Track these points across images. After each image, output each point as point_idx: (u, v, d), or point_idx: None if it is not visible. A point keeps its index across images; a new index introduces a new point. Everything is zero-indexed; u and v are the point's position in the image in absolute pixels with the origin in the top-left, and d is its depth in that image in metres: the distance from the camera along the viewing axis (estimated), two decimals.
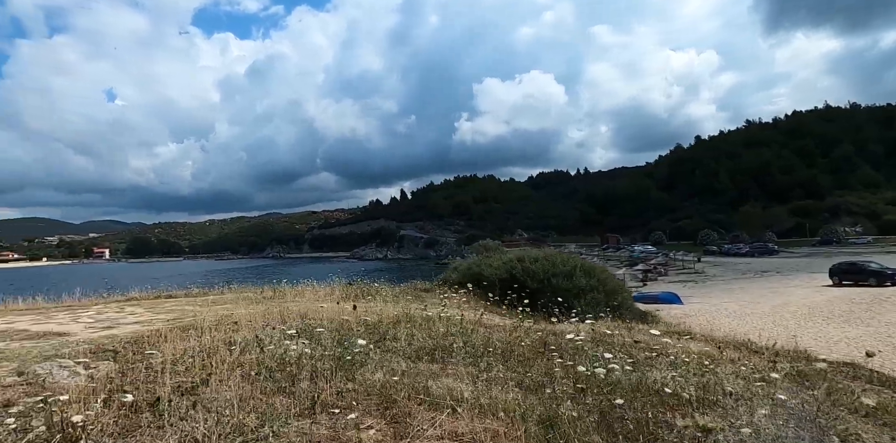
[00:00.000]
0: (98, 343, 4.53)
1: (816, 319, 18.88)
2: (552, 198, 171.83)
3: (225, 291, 14.54)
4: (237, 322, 5.60)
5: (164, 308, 8.50)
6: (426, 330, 5.75)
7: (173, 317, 6.83)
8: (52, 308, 9.34)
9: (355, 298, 11.36)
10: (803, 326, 17.83)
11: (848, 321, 17.98)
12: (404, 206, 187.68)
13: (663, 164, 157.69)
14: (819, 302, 22.73)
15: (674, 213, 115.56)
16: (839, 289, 26.54)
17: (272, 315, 6.28)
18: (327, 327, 5.27)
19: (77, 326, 5.93)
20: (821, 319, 18.62)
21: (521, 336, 5.82)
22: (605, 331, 6.99)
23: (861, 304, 21.26)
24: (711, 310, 22.45)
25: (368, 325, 5.79)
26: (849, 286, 27.04)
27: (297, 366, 3.66)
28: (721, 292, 29.99)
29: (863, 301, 21.85)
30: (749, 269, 43.35)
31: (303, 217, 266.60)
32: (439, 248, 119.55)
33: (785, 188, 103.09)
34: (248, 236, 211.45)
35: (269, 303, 9.46)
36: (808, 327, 17.40)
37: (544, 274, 14.84)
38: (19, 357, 3.92)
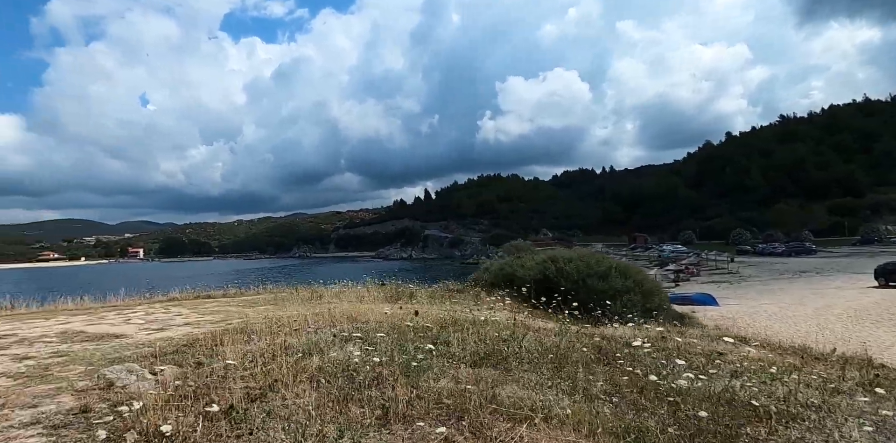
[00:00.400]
0: (156, 346, 4.56)
1: (864, 322, 18.08)
2: (577, 197, 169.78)
3: (260, 292, 14.75)
4: (287, 325, 5.60)
5: (208, 309, 8.60)
6: (476, 334, 5.64)
7: (220, 319, 6.89)
8: (99, 308, 9.57)
9: (393, 300, 11.36)
10: (850, 329, 17.09)
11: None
12: (428, 205, 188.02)
13: (692, 161, 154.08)
14: (865, 304, 21.80)
15: (703, 211, 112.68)
16: (886, 290, 25.40)
17: (319, 317, 6.26)
18: (378, 330, 5.21)
19: (130, 328, 6.02)
20: (869, 323, 17.83)
21: (574, 341, 5.66)
22: (653, 334, 6.77)
23: None
24: (750, 312, 21.74)
25: (417, 328, 5.71)
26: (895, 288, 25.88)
27: (359, 372, 3.59)
28: (758, 294, 29.05)
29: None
30: (786, 269, 41.92)
31: (328, 217, 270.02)
32: (464, 247, 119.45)
33: (821, 185, 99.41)
34: (274, 236, 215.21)
35: (310, 304, 9.50)
36: (856, 331, 16.65)
37: (579, 275, 14.57)
38: (85, 360, 3.97)
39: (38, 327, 6.29)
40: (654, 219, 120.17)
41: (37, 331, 5.88)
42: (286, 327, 5.44)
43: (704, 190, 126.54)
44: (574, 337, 5.95)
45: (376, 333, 4.96)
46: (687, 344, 6.32)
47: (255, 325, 5.81)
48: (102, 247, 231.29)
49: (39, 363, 3.82)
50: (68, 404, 2.81)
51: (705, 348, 6.12)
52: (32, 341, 5.02)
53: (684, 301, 24.66)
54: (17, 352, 4.39)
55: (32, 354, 4.26)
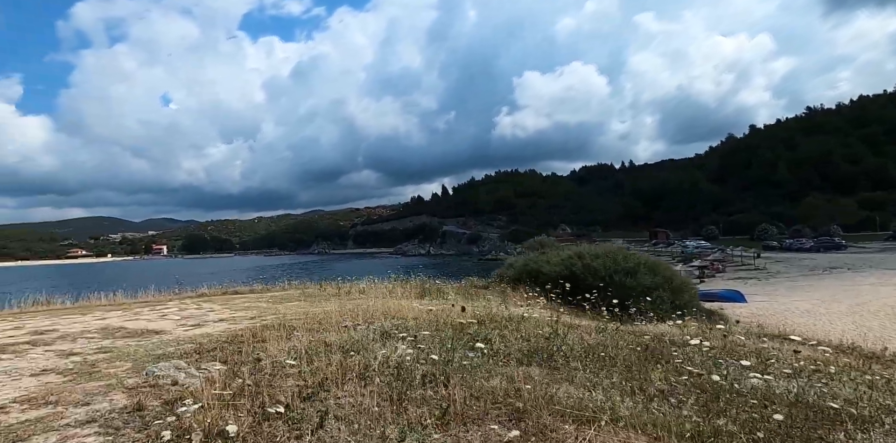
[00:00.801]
0: (197, 342, 4.53)
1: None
2: (596, 192, 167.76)
3: (286, 287, 14.83)
4: (324, 321, 5.54)
5: (239, 305, 8.62)
6: (516, 331, 5.50)
7: (253, 315, 6.87)
8: (132, 304, 9.68)
9: (421, 296, 11.29)
10: (889, 327, 16.51)
11: None
12: (446, 202, 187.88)
13: (714, 155, 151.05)
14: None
15: (726, 206, 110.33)
16: None
17: (353, 314, 6.19)
18: (419, 328, 5.11)
19: (168, 324, 6.03)
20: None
21: (616, 339, 5.48)
22: (693, 331, 6.54)
23: None
24: (781, 309, 21.16)
25: (455, 325, 5.59)
26: None
27: (409, 370, 3.49)
28: (787, 290, 28.29)
29: None
30: (816, 265, 40.78)
31: (346, 214, 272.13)
32: (482, 243, 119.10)
33: (850, 178, 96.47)
34: (294, 233, 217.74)
35: (340, 300, 9.47)
36: (890, 330, 16.08)
37: (606, 271, 14.28)
38: (129, 356, 3.94)
39: (76, 323, 6.35)
40: (676, 214, 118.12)
41: (76, 326, 5.93)
42: (323, 324, 5.37)
43: (728, 184, 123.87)
44: (615, 334, 5.77)
45: (419, 330, 4.86)
46: (732, 342, 6.10)
47: (292, 321, 5.77)
48: (128, 244, 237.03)
49: (86, 360, 3.80)
50: (121, 401, 2.76)
51: (753, 347, 5.89)
52: (75, 336, 5.04)
53: (711, 298, 24.10)
54: (62, 348, 4.39)
55: (77, 350, 4.26)
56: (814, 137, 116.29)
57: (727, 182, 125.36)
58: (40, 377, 3.31)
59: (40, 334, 5.18)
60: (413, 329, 5.04)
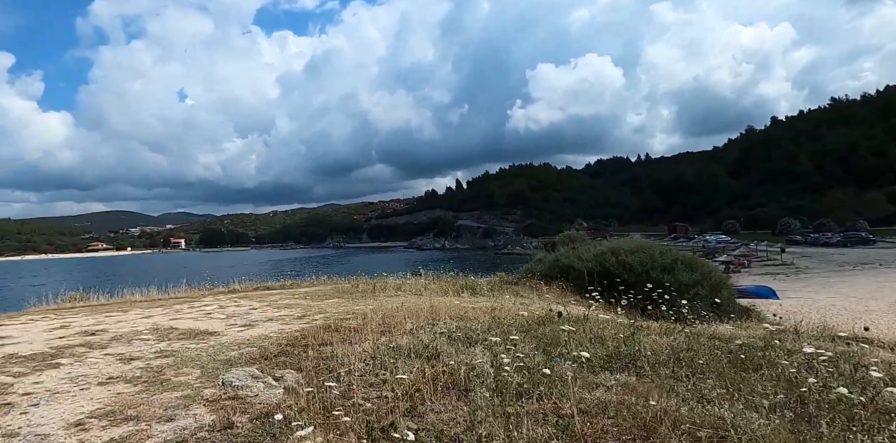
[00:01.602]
0: (257, 345, 4.31)
1: None
2: (611, 186, 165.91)
3: (315, 282, 14.68)
4: (380, 321, 5.28)
5: (278, 303, 8.43)
6: (583, 332, 5.19)
7: (299, 314, 6.65)
8: (168, 300, 9.58)
9: (457, 292, 11.03)
10: None
11: None
12: (460, 195, 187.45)
13: (733, 148, 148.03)
14: None
15: (747, 200, 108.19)
16: None
17: (408, 313, 5.92)
18: (482, 330, 4.82)
19: (216, 324, 5.84)
20: None
21: (691, 342, 5.14)
22: (761, 333, 6.16)
23: None
24: (817, 307, 20.51)
25: (519, 326, 5.30)
26: None
27: (501, 381, 3.20)
28: (820, 287, 27.51)
29: None
30: (845, 260, 39.70)
31: (360, 208, 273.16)
32: (497, 238, 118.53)
33: (876, 172, 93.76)
34: (309, 227, 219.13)
35: (377, 297, 9.24)
36: None
37: (642, 267, 13.83)
38: (194, 362, 3.72)
39: (122, 322, 6.19)
40: (694, 208, 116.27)
41: (124, 326, 5.77)
42: (382, 325, 5.12)
43: (748, 177, 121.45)
44: (689, 338, 5.43)
45: (486, 332, 4.58)
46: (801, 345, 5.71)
47: (344, 321, 5.53)
48: (146, 237, 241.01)
49: (150, 366, 3.59)
50: (205, 417, 2.52)
51: (837, 351, 5.50)
52: (128, 338, 4.85)
53: (742, 294, 23.43)
54: (120, 351, 4.20)
55: (136, 353, 4.05)
56: (838, 128, 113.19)
57: (748, 175, 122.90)
58: (109, 386, 3.10)
59: (91, 335, 5.01)
60: (480, 331, 4.76)
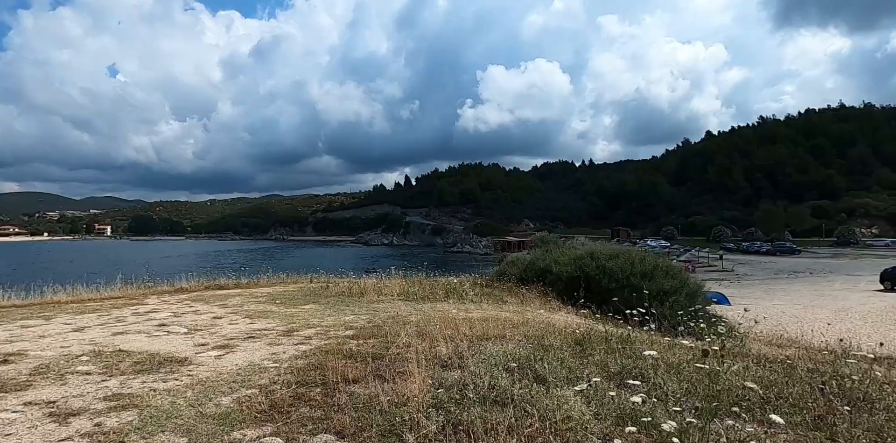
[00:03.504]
0: (257, 385, 3.09)
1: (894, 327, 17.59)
2: (557, 189, 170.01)
3: (275, 281, 13.23)
4: (405, 344, 4.16)
5: (244, 309, 7.06)
6: (622, 355, 4.32)
7: (282, 328, 5.38)
8: (103, 301, 7.92)
9: (444, 297, 10.00)
10: (886, 336, 16.50)
11: None
12: (409, 192, 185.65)
13: (672, 158, 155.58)
14: (881, 308, 21.48)
15: (684, 208, 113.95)
16: (894, 295, 25.26)
17: (420, 329, 4.83)
18: (529, 357, 3.83)
19: (181, 343, 4.48)
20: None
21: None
22: (796, 354, 5.58)
23: None
24: (769, 314, 21.03)
25: (557, 347, 4.35)
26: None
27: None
28: (763, 293, 28.68)
29: None
30: (779, 268, 42.05)
31: (305, 200, 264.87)
32: (447, 235, 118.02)
33: (801, 188, 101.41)
34: (250, 217, 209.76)
35: (362, 303, 8.05)
36: (891, 338, 16.05)
37: (623, 273, 13.35)
38: (174, 421, 2.47)
39: (46, 337, 4.69)
40: (636, 214, 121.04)
41: (49, 345, 4.30)
42: (403, 347, 4.01)
43: (686, 187, 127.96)
44: (726, 358, 4.69)
45: (535, 361, 3.58)
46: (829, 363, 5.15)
47: (354, 342, 4.37)
48: (67, 223, 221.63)
49: (101, 430, 2.30)
50: None
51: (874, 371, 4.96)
52: (58, 369, 3.45)
53: None
54: (45, 395, 2.83)
55: (75, 403, 2.70)
56: (766, 146, 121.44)
57: (685, 185, 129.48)
58: None
59: (3, 362, 3.57)
60: (533, 360, 3.77)
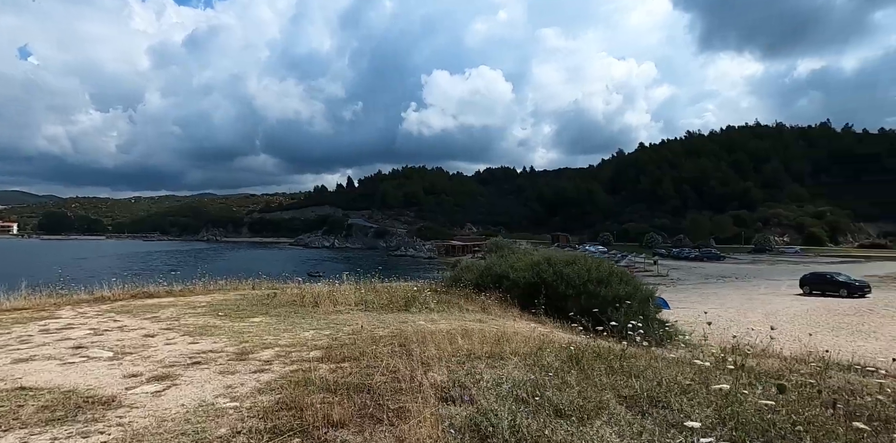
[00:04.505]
0: (216, 437, 2.35)
1: (821, 329, 18.80)
2: (499, 194, 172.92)
3: (211, 286, 12.03)
4: (386, 368, 3.51)
5: (181, 323, 6.09)
6: (624, 373, 3.93)
7: (233, 347, 4.56)
8: (6, 313, 6.62)
9: (401, 307, 9.34)
10: (811, 337, 17.51)
11: (853, 333, 17.94)
12: (351, 193, 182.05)
13: (607, 168, 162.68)
14: (805, 311, 22.99)
15: (619, 216, 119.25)
16: (814, 298, 27.20)
17: (394, 347, 4.20)
18: (536, 384, 3.31)
19: (104, 374, 3.58)
20: (826, 330, 18.52)
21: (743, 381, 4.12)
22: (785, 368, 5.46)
23: (849, 315, 21.64)
24: (708, 317, 21.95)
25: (549, 367, 3.88)
26: (818, 296, 27.82)
27: None
28: (698, 297, 30.04)
29: (847, 313, 22.29)
30: (708, 273, 44.53)
31: (240, 200, 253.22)
32: (390, 238, 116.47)
33: (723, 199, 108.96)
34: (179, 217, 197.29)
35: (317, 314, 7.25)
36: (820, 341, 17.07)
37: (580, 280, 13.30)
38: None
39: None
40: (574, 220, 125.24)
41: None
42: (389, 370, 3.36)
43: (620, 195, 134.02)
44: (742, 374, 4.43)
45: (545, 388, 3.08)
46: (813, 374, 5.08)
47: (325, 365, 3.66)
48: None
49: None
50: None
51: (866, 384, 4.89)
52: None
53: None
54: None
55: None
56: (693, 159, 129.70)
57: (620, 193, 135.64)
58: None
59: None
60: (534, 385, 3.25)
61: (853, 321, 20.26)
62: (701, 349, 8.41)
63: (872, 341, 16.71)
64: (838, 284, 27.70)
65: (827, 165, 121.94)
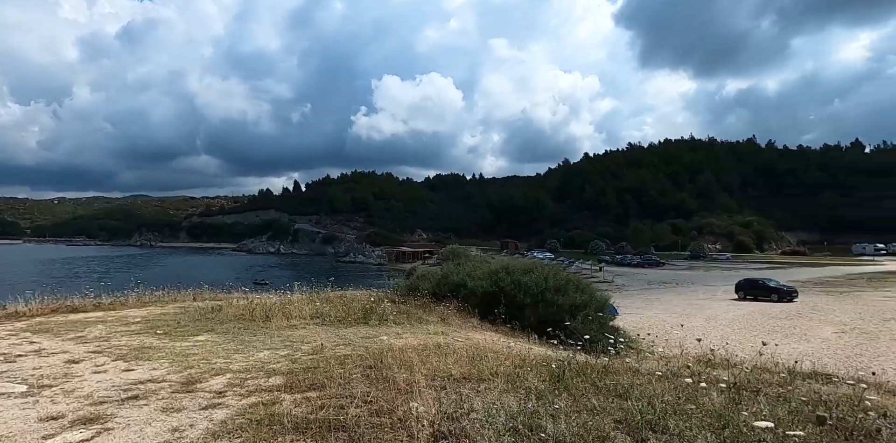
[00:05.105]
0: None
1: (758, 333, 19.74)
2: (448, 200, 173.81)
3: (147, 300, 11.02)
4: (355, 392, 3.08)
5: (112, 344, 5.35)
6: (611, 393, 3.72)
7: (176, 375, 3.96)
8: None
9: (357, 320, 8.84)
10: (751, 341, 18.39)
11: (788, 336, 18.97)
12: (298, 198, 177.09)
13: (553, 176, 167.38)
14: (741, 316, 24.18)
15: (565, 223, 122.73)
16: (747, 303, 28.77)
17: (356, 369, 3.78)
18: (528, 410, 3.00)
19: (16, 414, 2.92)
20: (763, 334, 19.45)
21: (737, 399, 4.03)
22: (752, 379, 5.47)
23: (781, 319, 22.96)
24: (653, 323, 22.67)
25: (534, 389, 3.60)
26: (751, 301, 29.48)
27: None
28: (643, 303, 31.05)
29: (779, 316, 23.65)
30: (649, 279, 46.33)
31: (178, 203, 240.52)
32: (338, 244, 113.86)
33: (662, 208, 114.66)
34: (109, 220, 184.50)
35: (269, 329, 6.65)
36: (756, 344, 17.89)
37: (538, 288, 13.32)
38: None
39: None
40: (522, 227, 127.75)
41: None
42: (363, 399, 2.95)
43: (566, 204, 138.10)
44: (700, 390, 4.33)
45: (547, 418, 2.79)
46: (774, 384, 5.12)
47: (294, 403, 3.18)
48: None
49: None
50: None
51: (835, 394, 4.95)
52: None
53: None
54: None
55: None
56: (634, 169, 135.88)
57: (566, 202, 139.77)
58: None
59: None
60: (526, 414, 2.94)
61: (786, 325, 21.52)
62: (668, 360, 8.47)
63: (805, 344, 17.73)
64: (769, 289, 29.47)
65: (753, 178, 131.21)
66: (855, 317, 23.41)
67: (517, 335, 10.42)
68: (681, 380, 4.74)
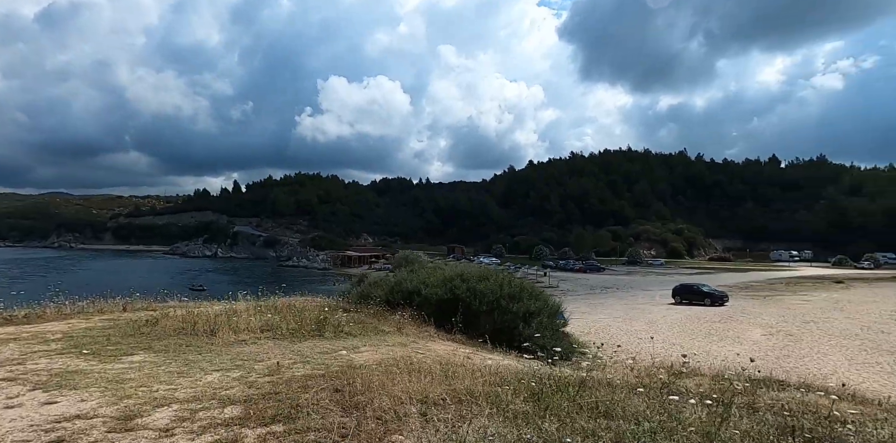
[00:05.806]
0: None
1: (697, 336, 20.71)
2: (395, 204, 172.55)
3: (67, 310, 9.91)
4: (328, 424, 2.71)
5: (27, 368, 4.61)
6: (594, 412, 3.57)
7: (110, 409, 3.39)
8: None
9: (310, 332, 8.29)
10: (690, 344, 19.23)
11: (723, 339, 20.01)
12: (237, 199, 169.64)
13: (500, 182, 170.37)
14: (679, 320, 25.32)
15: (510, 229, 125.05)
16: (684, 307, 30.25)
17: (325, 395, 3.39)
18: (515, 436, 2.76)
19: None
20: (700, 337, 20.43)
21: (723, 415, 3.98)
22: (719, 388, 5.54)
23: (716, 322, 24.24)
24: (598, 327, 23.27)
25: (521, 412, 3.37)
26: (687, 305, 31.03)
27: None
28: (588, 308, 31.91)
29: (714, 320, 24.98)
30: (592, 284, 47.83)
31: (103, 201, 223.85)
32: (281, 248, 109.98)
33: (602, 215, 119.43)
34: (22, 219, 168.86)
35: (214, 346, 6.04)
36: (695, 346, 18.73)
37: (493, 295, 13.23)
38: None
39: None
40: (468, 232, 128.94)
41: None
42: (349, 439, 2.59)
43: (512, 209, 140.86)
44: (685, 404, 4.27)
45: None
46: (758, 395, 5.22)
47: (249, 431, 2.75)
48: None
49: None
50: None
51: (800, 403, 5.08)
52: None
53: None
54: None
55: None
56: (576, 177, 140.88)
57: (511, 207, 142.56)
58: None
59: None
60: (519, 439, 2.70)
61: (720, 328, 22.75)
62: (632, 369, 8.53)
63: (738, 346, 18.75)
64: (703, 294, 31.14)
65: (684, 188, 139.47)
66: (779, 319, 25.12)
67: (475, 344, 10.24)
68: (663, 396, 4.67)
